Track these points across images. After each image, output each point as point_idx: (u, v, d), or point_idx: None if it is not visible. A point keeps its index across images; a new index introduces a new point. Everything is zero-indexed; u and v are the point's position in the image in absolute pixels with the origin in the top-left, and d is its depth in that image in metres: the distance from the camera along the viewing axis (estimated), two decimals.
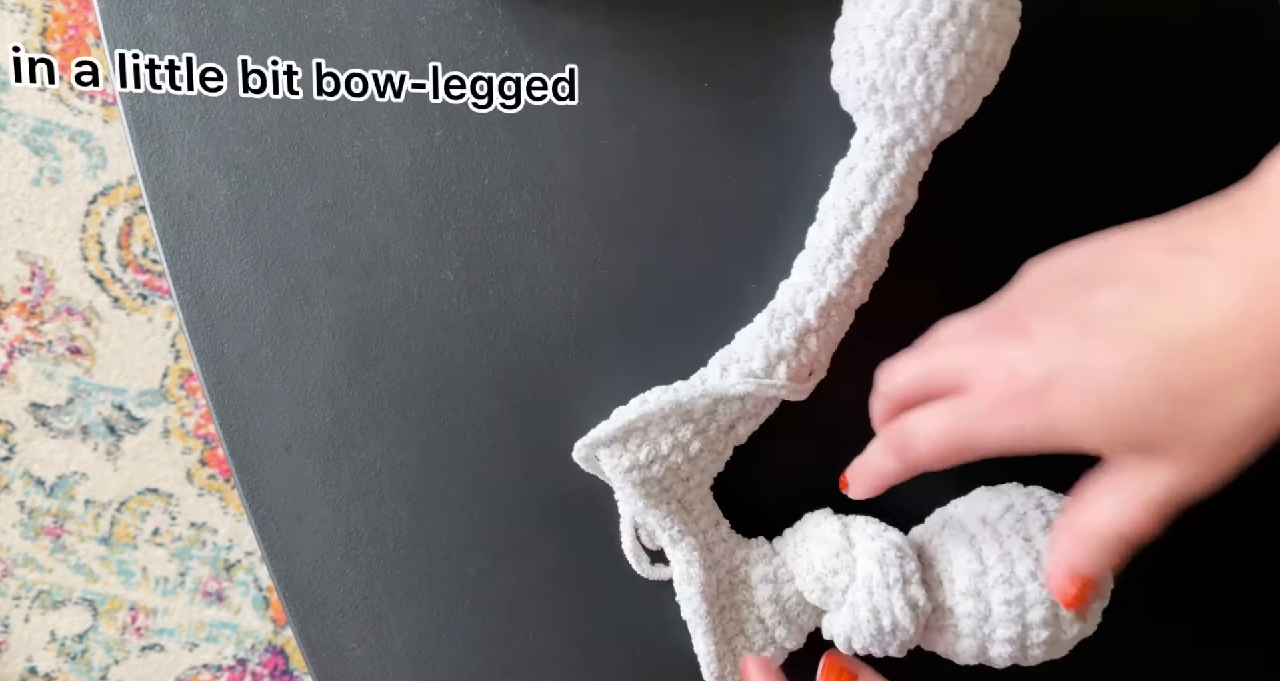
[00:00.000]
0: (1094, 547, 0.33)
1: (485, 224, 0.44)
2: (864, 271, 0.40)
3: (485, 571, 0.44)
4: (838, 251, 0.39)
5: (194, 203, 0.44)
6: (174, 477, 1.09)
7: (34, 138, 1.08)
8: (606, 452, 0.40)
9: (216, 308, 0.44)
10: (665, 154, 0.44)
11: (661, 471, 0.40)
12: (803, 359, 0.40)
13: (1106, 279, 0.32)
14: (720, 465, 0.41)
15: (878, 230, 0.39)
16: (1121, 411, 0.30)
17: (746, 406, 0.40)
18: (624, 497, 0.41)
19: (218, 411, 0.44)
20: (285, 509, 0.44)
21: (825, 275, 0.40)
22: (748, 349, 0.40)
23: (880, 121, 0.40)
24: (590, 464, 0.41)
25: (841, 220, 0.40)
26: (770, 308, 0.40)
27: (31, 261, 1.08)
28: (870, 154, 0.40)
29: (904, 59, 0.38)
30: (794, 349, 0.40)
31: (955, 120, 0.39)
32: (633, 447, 0.39)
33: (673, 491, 0.40)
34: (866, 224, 0.39)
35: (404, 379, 0.44)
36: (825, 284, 0.39)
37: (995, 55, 0.38)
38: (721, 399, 0.40)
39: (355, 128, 0.44)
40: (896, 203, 0.40)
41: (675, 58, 0.44)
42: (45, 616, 1.09)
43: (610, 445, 0.40)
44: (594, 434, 0.40)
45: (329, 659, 0.44)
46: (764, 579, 0.40)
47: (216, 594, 1.09)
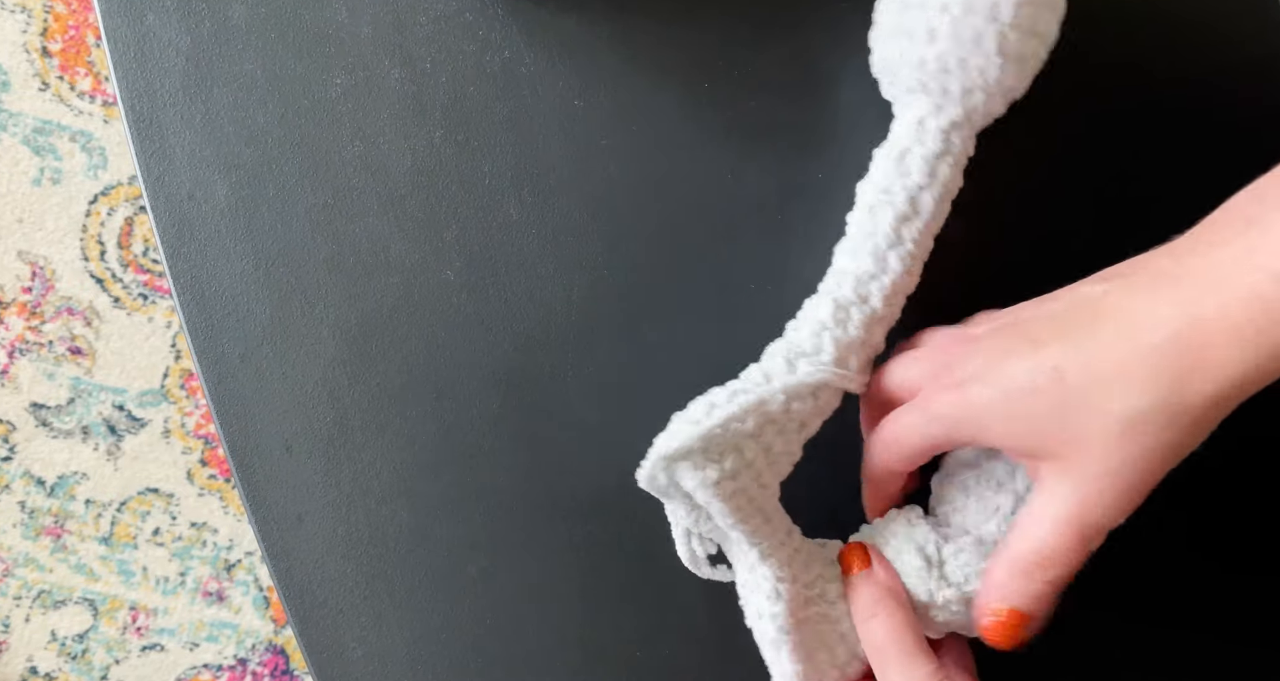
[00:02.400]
0: (1021, 577, 0.33)
1: (485, 224, 0.44)
2: (921, 257, 0.38)
3: (485, 571, 0.44)
4: (898, 238, 0.38)
5: (194, 203, 0.44)
6: (174, 477, 1.09)
7: (34, 138, 1.08)
8: (688, 466, 0.35)
9: (216, 308, 0.44)
10: (665, 154, 0.44)
11: (748, 480, 0.36)
12: (869, 350, 0.38)
13: (1051, 297, 0.34)
14: (790, 467, 0.38)
15: (934, 216, 0.38)
16: (1018, 405, 0.32)
17: (820, 401, 0.37)
18: (689, 512, 0.37)
19: (218, 411, 0.44)
20: (285, 509, 0.44)
21: (888, 262, 0.38)
22: (814, 341, 0.38)
23: (940, 104, 0.38)
24: (660, 483, 0.36)
25: (899, 206, 0.38)
26: (832, 298, 0.38)
27: (32, 261, 1.08)
28: (927, 137, 0.38)
29: (980, 40, 0.36)
30: (862, 339, 0.38)
31: (1010, 100, 0.38)
32: (715, 456, 0.35)
33: (755, 501, 0.37)
34: (925, 209, 0.38)
35: (404, 379, 0.44)
36: (888, 272, 0.38)
37: (1050, 32, 0.37)
38: (796, 395, 0.37)
39: (355, 128, 0.44)
40: (952, 186, 0.38)
41: (675, 58, 0.44)
42: (46, 616, 1.09)
43: (691, 457, 0.35)
44: (669, 445, 0.35)
45: (329, 659, 0.44)
46: (843, 595, 0.37)
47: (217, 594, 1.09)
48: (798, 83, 0.44)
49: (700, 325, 0.44)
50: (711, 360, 0.43)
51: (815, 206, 0.42)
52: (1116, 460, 0.30)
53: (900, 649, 0.35)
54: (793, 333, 0.39)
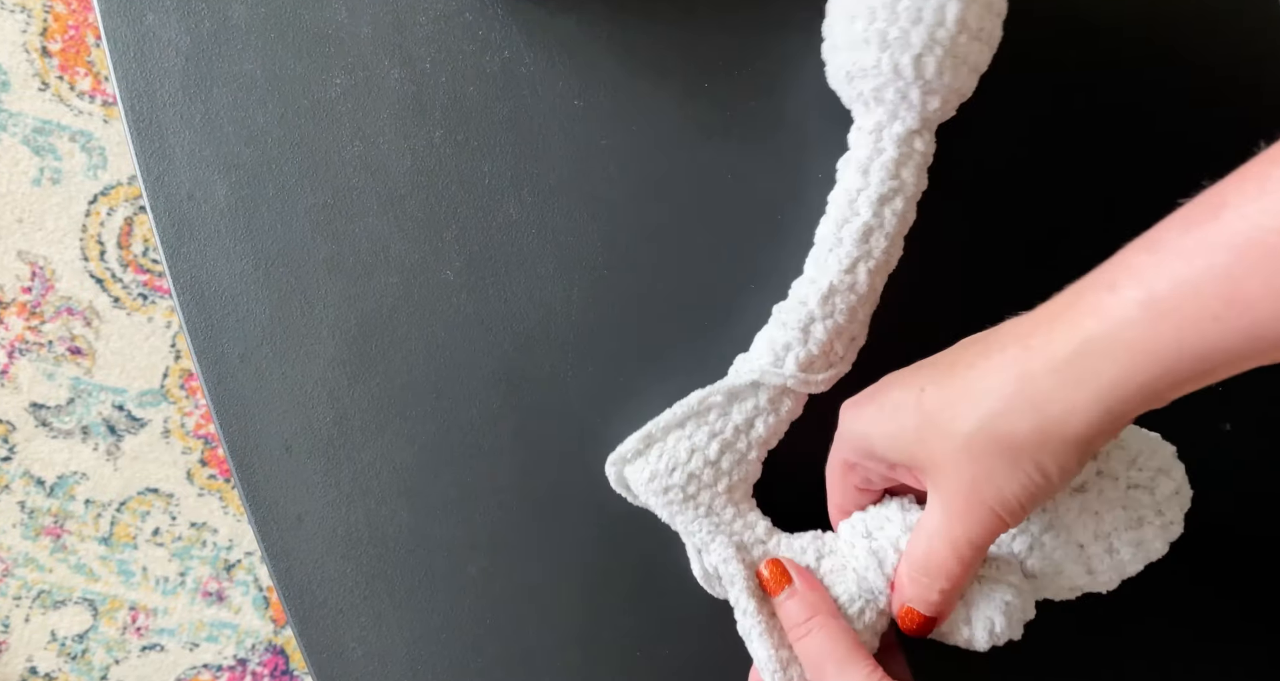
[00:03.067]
0: (916, 580, 0.36)
1: (485, 224, 0.44)
2: (866, 258, 0.39)
3: (485, 571, 0.44)
4: (837, 241, 0.39)
5: (194, 203, 0.44)
6: (174, 477, 1.09)
7: (34, 138, 1.08)
8: (631, 468, 0.40)
9: (216, 308, 0.44)
10: (665, 154, 0.44)
11: (683, 478, 0.39)
12: (811, 348, 0.39)
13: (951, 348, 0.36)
14: (751, 467, 0.40)
15: (875, 215, 0.39)
16: (891, 422, 0.35)
17: (760, 401, 0.40)
18: (660, 513, 0.41)
19: (218, 411, 0.44)
20: (285, 509, 0.44)
21: (826, 264, 0.39)
22: (758, 347, 0.40)
23: (865, 109, 0.40)
24: (621, 483, 0.41)
25: (839, 209, 0.40)
26: (804, 314, 0.40)
27: (32, 261, 1.08)
28: (860, 141, 0.40)
29: (866, 40, 0.38)
30: (800, 338, 0.39)
31: (942, 96, 0.39)
32: (653, 458, 0.40)
33: (698, 498, 0.40)
34: (864, 210, 0.39)
35: (404, 379, 0.44)
36: (826, 273, 0.39)
37: (968, 26, 0.37)
38: (733, 396, 0.40)
39: (355, 128, 0.44)
40: (891, 185, 0.39)
41: (675, 58, 0.44)
42: (45, 616, 1.09)
43: (634, 461, 0.40)
44: (620, 449, 0.40)
45: (329, 659, 0.44)
46: None
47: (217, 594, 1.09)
48: (797, 83, 0.44)
49: (700, 325, 0.43)
50: (711, 360, 0.43)
51: (815, 206, 0.41)
52: (967, 477, 0.32)
53: (836, 659, 0.35)
54: (756, 345, 0.40)
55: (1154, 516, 0.36)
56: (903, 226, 0.40)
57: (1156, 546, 0.37)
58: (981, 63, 0.39)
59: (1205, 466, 0.44)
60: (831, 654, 0.36)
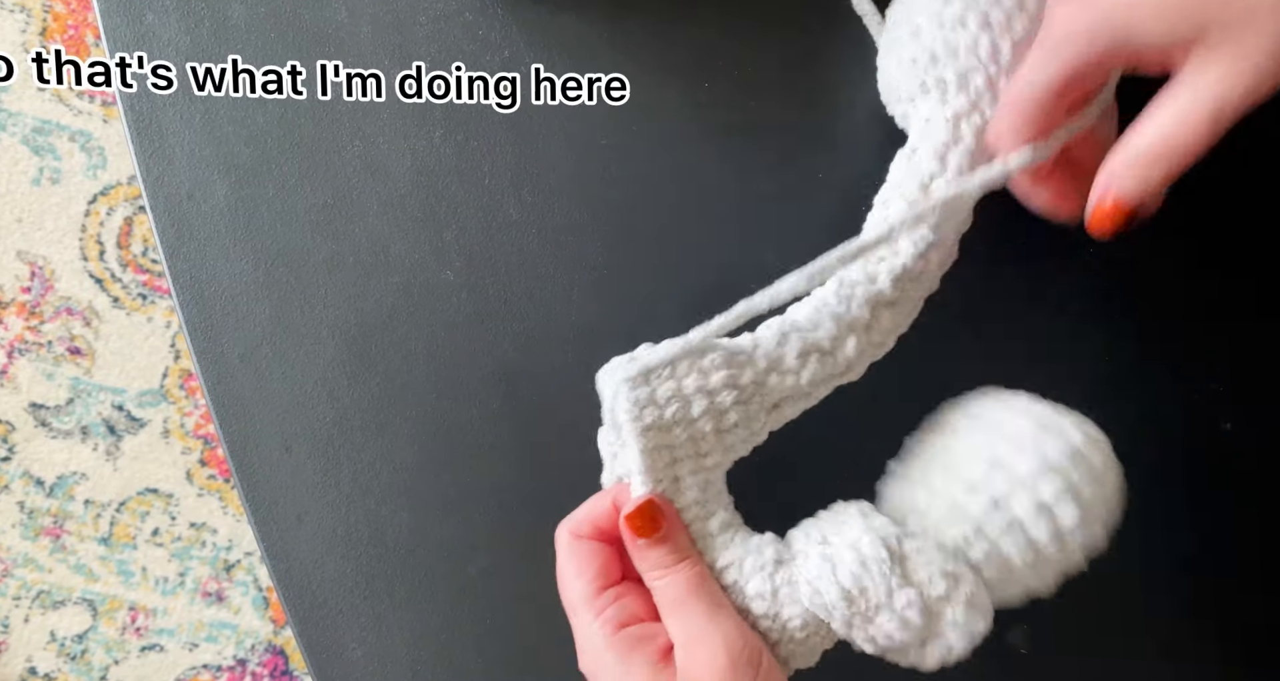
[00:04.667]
0: (1139, 165, 0.32)
1: (485, 224, 0.44)
2: (939, 246, 0.36)
3: (485, 571, 0.44)
4: (914, 221, 0.35)
5: (194, 203, 0.44)
6: (174, 477, 1.09)
7: (34, 138, 1.08)
8: (630, 395, 0.33)
9: (216, 308, 0.44)
10: (665, 154, 0.44)
11: (682, 437, 0.33)
12: (873, 336, 0.35)
13: None
14: (747, 449, 0.35)
15: (950, 204, 0.36)
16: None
17: (802, 382, 0.35)
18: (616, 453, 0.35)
19: (218, 411, 0.44)
20: (285, 509, 0.44)
21: (899, 245, 0.36)
22: (811, 316, 0.35)
23: (942, 97, 0.37)
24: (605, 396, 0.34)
25: (911, 193, 0.36)
26: (837, 276, 0.36)
27: (31, 261, 1.08)
28: (934, 130, 0.37)
29: (964, 21, 0.36)
30: (865, 321, 0.35)
31: None
32: (662, 399, 0.33)
33: (679, 466, 0.34)
34: (939, 193, 0.36)
35: (404, 379, 0.44)
36: (900, 254, 0.36)
37: (1035, 6, 0.36)
38: (777, 368, 0.34)
39: (355, 128, 0.44)
40: (970, 186, 0.36)
41: (675, 58, 0.44)
42: (45, 616, 1.09)
43: (637, 388, 0.33)
44: (641, 359, 0.33)
45: (329, 659, 0.44)
46: (760, 595, 0.33)
47: (216, 594, 1.09)
48: (798, 83, 0.44)
49: (700, 324, 0.43)
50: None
51: (815, 207, 0.42)
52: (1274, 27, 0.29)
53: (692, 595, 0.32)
54: (793, 310, 0.36)
55: (1101, 509, 0.34)
56: (964, 227, 0.37)
57: (1100, 538, 0.34)
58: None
59: (1205, 466, 0.44)
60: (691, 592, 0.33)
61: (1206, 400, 0.44)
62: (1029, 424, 0.33)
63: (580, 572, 0.34)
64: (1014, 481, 0.32)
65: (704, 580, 0.33)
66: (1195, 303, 0.44)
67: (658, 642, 0.32)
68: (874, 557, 0.32)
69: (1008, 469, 0.33)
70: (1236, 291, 0.44)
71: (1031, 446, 0.33)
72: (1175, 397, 0.44)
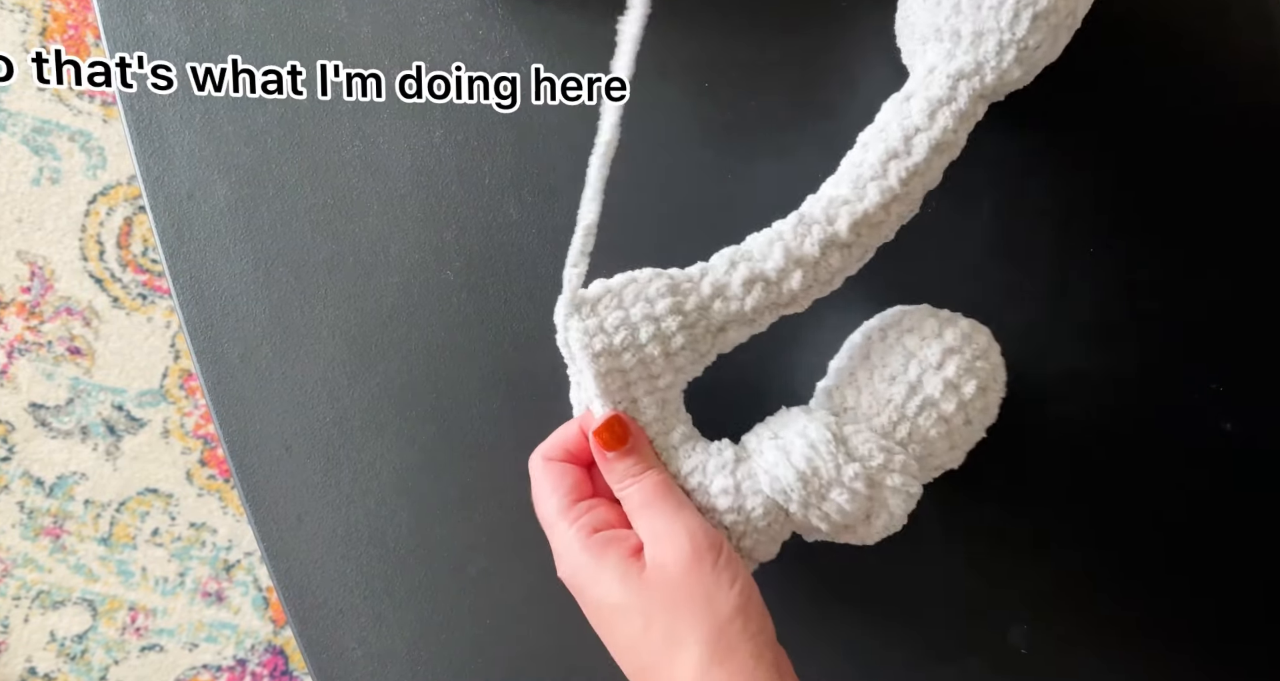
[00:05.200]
0: None
1: (485, 224, 0.44)
2: (903, 200, 0.37)
3: (485, 571, 0.44)
4: (882, 171, 0.37)
5: (194, 203, 0.44)
6: (174, 477, 1.09)
7: (34, 138, 1.08)
8: (580, 326, 0.36)
9: (216, 308, 0.44)
10: (665, 154, 0.44)
11: (632, 362, 0.36)
12: (820, 273, 0.37)
13: None
14: (698, 370, 0.38)
15: (926, 161, 0.37)
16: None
17: (746, 308, 0.37)
18: (578, 381, 0.38)
19: (218, 411, 0.44)
20: (285, 509, 0.44)
21: (866, 191, 0.37)
22: (764, 247, 0.37)
23: (951, 51, 0.38)
24: (560, 334, 0.37)
25: (892, 142, 0.37)
26: (799, 212, 0.37)
27: (31, 261, 1.08)
28: (934, 83, 0.38)
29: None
30: (814, 258, 0.37)
31: (1025, 66, 0.38)
32: (610, 327, 0.36)
33: (634, 388, 0.37)
34: (918, 151, 0.37)
35: (404, 379, 0.44)
36: (864, 200, 0.37)
37: (1076, 9, 0.37)
38: (721, 295, 0.37)
39: (355, 128, 0.44)
40: (950, 138, 0.37)
41: (676, 57, 0.44)
42: (45, 616, 1.09)
43: (586, 318, 0.36)
44: (568, 292, 0.36)
45: (329, 659, 0.44)
46: (724, 491, 0.37)
47: (216, 594, 1.09)
48: (799, 82, 0.44)
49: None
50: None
51: None
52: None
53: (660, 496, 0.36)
54: (750, 238, 0.38)
55: (995, 384, 0.38)
56: (933, 183, 0.38)
57: (994, 412, 0.38)
58: (1059, 49, 0.38)
59: (1205, 466, 0.44)
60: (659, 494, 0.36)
61: (1206, 400, 0.44)
62: (931, 321, 0.38)
63: (555, 488, 0.37)
64: (924, 366, 0.37)
65: (669, 485, 0.37)
66: (1195, 302, 0.44)
67: (629, 543, 0.35)
68: (821, 439, 0.36)
69: (919, 358, 0.38)
70: (1236, 291, 0.44)
71: (934, 337, 0.38)
72: (1175, 397, 0.44)
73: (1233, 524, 0.44)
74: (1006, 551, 0.44)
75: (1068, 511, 0.44)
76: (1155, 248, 0.44)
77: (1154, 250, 0.44)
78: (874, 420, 0.38)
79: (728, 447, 0.38)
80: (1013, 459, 0.44)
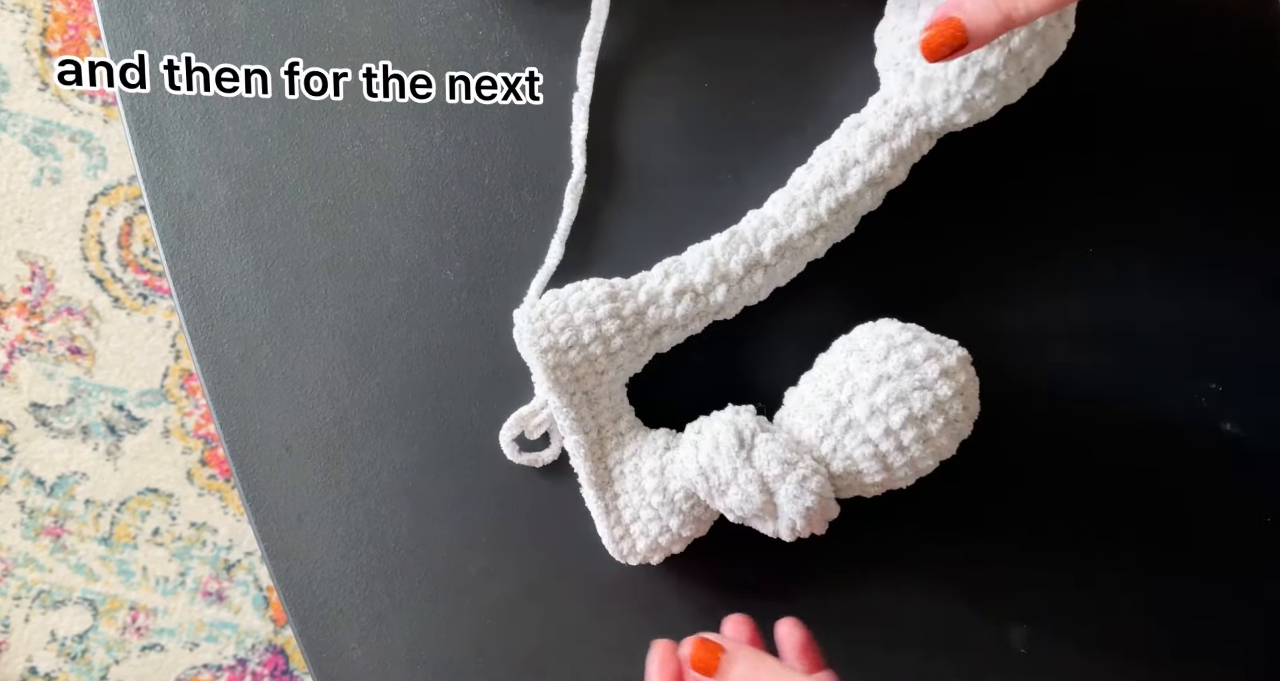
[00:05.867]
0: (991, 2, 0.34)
1: (485, 224, 0.44)
2: (830, 227, 0.41)
3: (485, 571, 0.44)
4: (815, 198, 0.40)
5: (194, 203, 0.44)
6: (174, 477, 1.09)
7: (34, 138, 1.08)
8: (529, 328, 0.40)
9: (216, 308, 0.44)
10: (665, 154, 0.44)
11: (578, 359, 0.40)
12: (744, 287, 0.41)
13: None
14: (639, 366, 0.42)
15: (858, 193, 0.40)
16: None
17: (676, 315, 0.40)
18: (536, 378, 0.41)
19: (218, 411, 0.44)
20: (285, 509, 0.44)
21: (794, 217, 0.40)
22: (696, 262, 0.41)
23: (904, 86, 0.39)
24: (520, 339, 0.41)
25: (831, 170, 0.40)
26: (732, 230, 0.41)
27: (31, 261, 1.08)
28: (882, 117, 0.40)
29: None
30: (739, 276, 0.40)
31: (972, 113, 0.39)
32: (556, 329, 0.40)
33: (583, 382, 0.41)
34: (851, 183, 0.40)
35: (404, 379, 0.44)
36: (791, 225, 0.40)
37: (1033, 65, 0.39)
38: (655, 302, 0.40)
39: (355, 128, 0.44)
40: (886, 174, 0.40)
41: (675, 58, 0.44)
42: (45, 616, 1.09)
43: (535, 322, 0.40)
44: (526, 304, 0.41)
45: (329, 659, 0.44)
46: (651, 472, 0.41)
47: (216, 594, 1.09)
48: (798, 83, 0.44)
49: None
50: (709, 358, 0.43)
51: None
52: None
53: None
54: (689, 251, 0.41)
55: (937, 415, 0.37)
56: (866, 209, 0.41)
57: (943, 443, 0.38)
58: (1015, 97, 0.40)
59: (1205, 466, 0.44)
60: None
61: (1206, 400, 0.44)
62: (880, 343, 0.39)
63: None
64: (856, 390, 0.38)
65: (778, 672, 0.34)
66: (1195, 302, 0.44)
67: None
68: (725, 444, 0.39)
69: (854, 379, 0.38)
70: (1236, 291, 0.44)
71: (876, 361, 0.38)
72: (1175, 397, 0.44)
73: (1232, 523, 0.44)
74: (1006, 552, 0.44)
75: (1067, 511, 0.44)
76: (1154, 247, 0.44)
77: (1153, 250, 0.44)
78: (804, 431, 0.39)
79: (662, 435, 0.42)
80: (1012, 459, 0.44)
